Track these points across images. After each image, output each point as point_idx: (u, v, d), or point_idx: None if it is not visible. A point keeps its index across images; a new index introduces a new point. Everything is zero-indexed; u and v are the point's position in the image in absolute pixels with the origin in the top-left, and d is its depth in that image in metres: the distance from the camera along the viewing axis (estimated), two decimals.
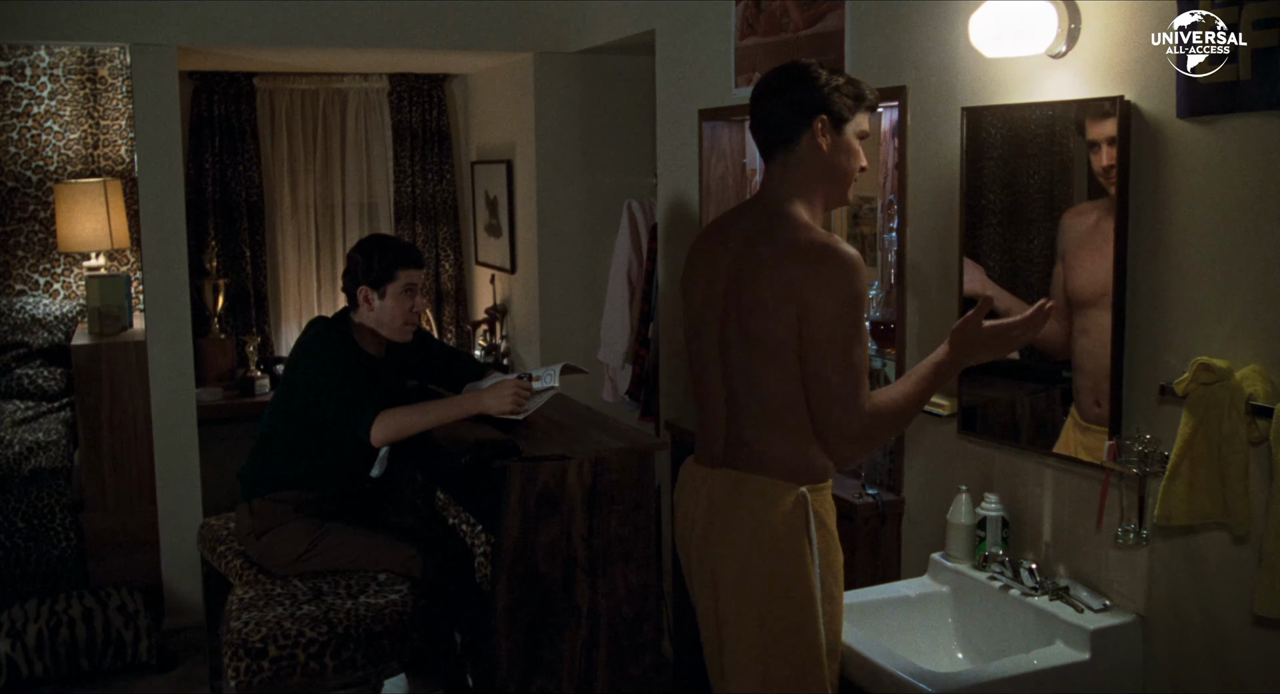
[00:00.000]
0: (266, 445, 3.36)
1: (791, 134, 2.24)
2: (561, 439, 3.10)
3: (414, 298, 3.30)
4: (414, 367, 3.54)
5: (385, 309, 3.28)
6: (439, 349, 3.61)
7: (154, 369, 4.71)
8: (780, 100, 2.25)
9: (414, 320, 3.33)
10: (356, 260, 3.30)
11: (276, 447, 3.33)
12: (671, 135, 4.26)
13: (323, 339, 3.24)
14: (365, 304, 3.31)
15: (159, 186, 4.62)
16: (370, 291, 3.28)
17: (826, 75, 2.24)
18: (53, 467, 4.77)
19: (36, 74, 5.60)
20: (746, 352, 2.20)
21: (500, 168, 5.62)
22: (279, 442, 3.33)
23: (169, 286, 4.68)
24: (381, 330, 3.32)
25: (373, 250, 3.28)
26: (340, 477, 3.33)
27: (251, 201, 5.83)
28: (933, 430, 2.98)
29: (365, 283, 3.28)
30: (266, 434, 3.37)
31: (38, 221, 5.65)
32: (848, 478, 3.18)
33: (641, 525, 3.02)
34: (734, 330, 2.22)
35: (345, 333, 3.29)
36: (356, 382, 3.13)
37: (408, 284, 3.28)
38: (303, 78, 5.88)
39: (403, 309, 3.29)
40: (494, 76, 5.77)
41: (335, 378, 3.14)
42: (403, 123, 6.04)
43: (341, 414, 3.12)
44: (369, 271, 3.27)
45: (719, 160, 4.02)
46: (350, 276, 3.31)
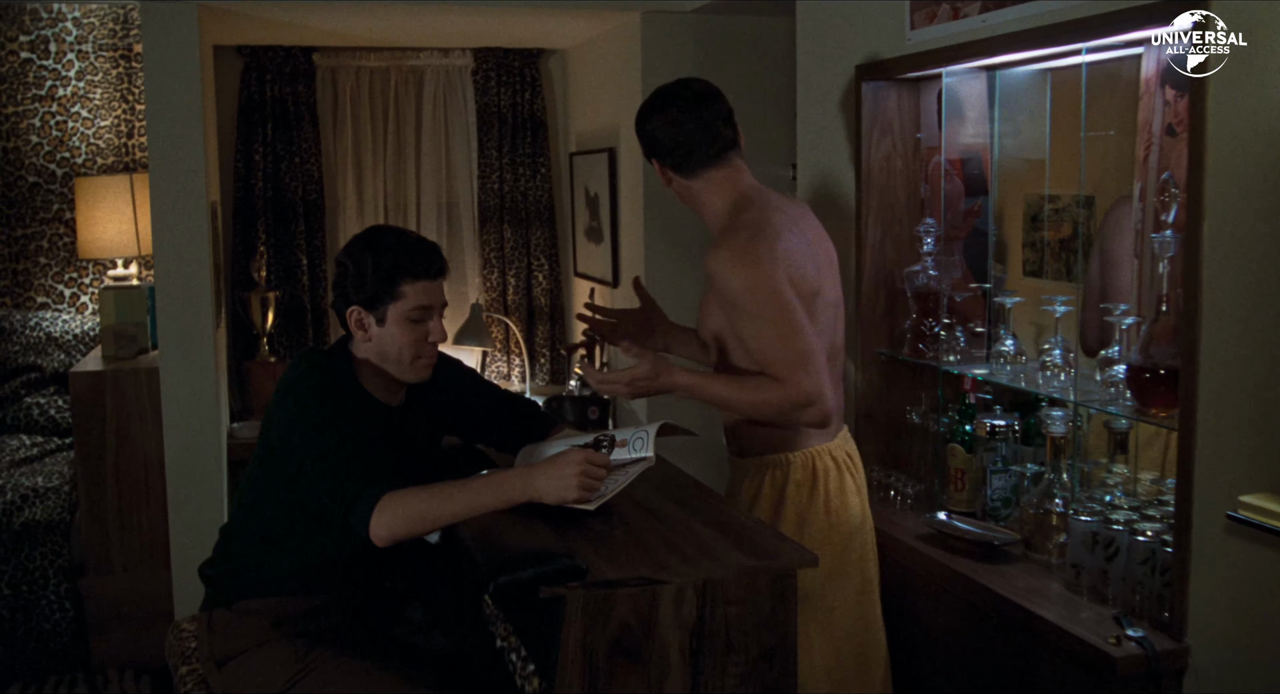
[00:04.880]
0: (237, 532, 2.37)
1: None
2: (652, 543, 2.03)
3: (428, 323, 2.29)
4: (451, 417, 2.52)
5: (386, 339, 2.29)
6: (488, 392, 2.58)
7: (168, 402, 3.86)
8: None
9: (429, 354, 2.32)
10: (344, 268, 2.30)
11: (250, 534, 2.35)
12: (816, 107, 3.24)
13: (310, 382, 2.24)
14: (359, 331, 2.31)
15: (173, 178, 3.81)
16: (364, 314, 2.28)
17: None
18: (49, 520, 3.93)
19: (62, 50, 4.79)
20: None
21: (601, 158, 4.65)
22: (253, 527, 2.34)
23: (188, 300, 3.87)
24: (387, 367, 2.31)
25: (364, 253, 2.28)
26: (338, 578, 2.32)
27: (309, 200, 5.04)
28: (1242, 546, 1.85)
29: (356, 301, 2.28)
30: (237, 515, 2.38)
31: (62, 223, 4.84)
32: (1097, 605, 2.13)
33: (775, 686, 1.93)
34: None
35: (344, 371, 2.29)
36: (353, 446, 2.12)
37: (419, 304, 2.26)
38: (370, 53, 5.08)
39: (410, 339, 2.28)
40: (595, 48, 4.92)
41: (323, 439, 2.14)
42: (489, 107, 5.22)
43: (328, 495, 2.11)
44: (360, 285, 2.27)
45: (884, 135, 2.99)
46: (338, 291, 2.32)
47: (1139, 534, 2.15)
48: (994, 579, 2.40)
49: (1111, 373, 2.33)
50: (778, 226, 2.28)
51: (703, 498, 2.31)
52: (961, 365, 2.77)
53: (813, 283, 2.31)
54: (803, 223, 2.40)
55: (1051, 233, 2.72)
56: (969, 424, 2.75)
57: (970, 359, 2.80)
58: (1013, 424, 2.67)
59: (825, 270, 2.40)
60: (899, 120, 2.98)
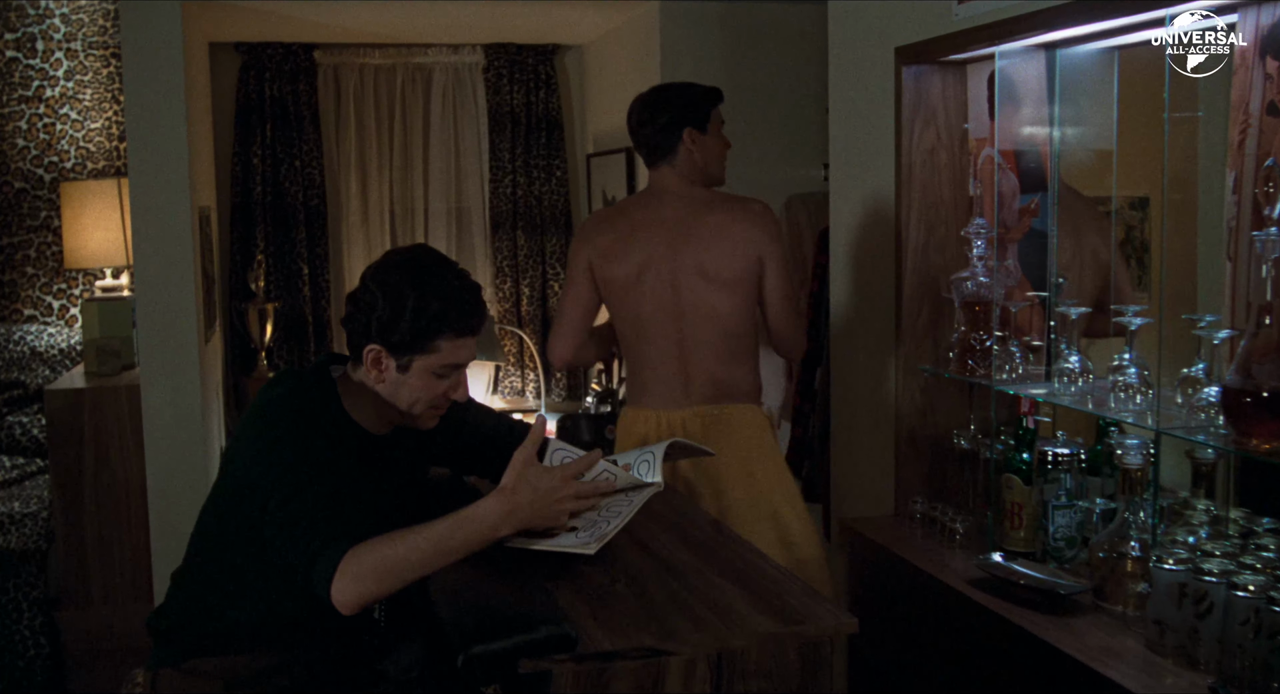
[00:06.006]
0: (189, 577, 2.08)
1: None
2: (659, 601, 1.71)
3: (454, 379, 2.00)
4: (439, 446, 2.22)
5: (402, 387, 2.00)
6: (479, 417, 2.28)
7: (149, 422, 3.64)
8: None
9: (443, 407, 2.03)
10: (374, 299, 1.99)
11: (203, 581, 2.05)
12: (850, 97, 2.99)
13: (283, 409, 1.95)
14: (373, 369, 2.00)
15: (155, 183, 3.63)
16: (385, 356, 1.98)
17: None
18: (25, 548, 3.69)
19: (50, 48, 4.55)
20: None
21: (619, 159, 4.38)
22: (207, 572, 2.05)
23: (171, 312, 3.67)
24: (396, 403, 2.01)
25: (406, 292, 1.96)
26: (303, 635, 2.02)
27: (311, 205, 4.91)
28: None
29: (381, 342, 1.97)
30: (190, 558, 2.09)
31: (50, 231, 4.60)
32: (1187, 671, 1.83)
33: None
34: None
35: (326, 396, 2.00)
36: (323, 490, 1.83)
37: (452, 363, 1.98)
38: (375, 50, 4.97)
39: (430, 394, 1.99)
40: (613, 42, 4.74)
41: (289, 479, 1.85)
42: (502, 106, 5.07)
43: (288, 547, 1.82)
44: (392, 327, 1.96)
45: (927, 126, 2.73)
46: (359, 321, 2.01)
47: (1239, 588, 1.82)
48: (1060, 635, 2.08)
49: (1199, 396, 2.00)
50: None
51: (721, 541, 2.00)
52: (1017, 384, 2.46)
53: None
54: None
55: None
56: (1026, 451, 2.42)
57: (1027, 377, 2.49)
58: (1078, 452, 2.34)
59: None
60: (944, 109, 2.69)
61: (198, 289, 3.71)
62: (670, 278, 2.80)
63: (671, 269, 2.80)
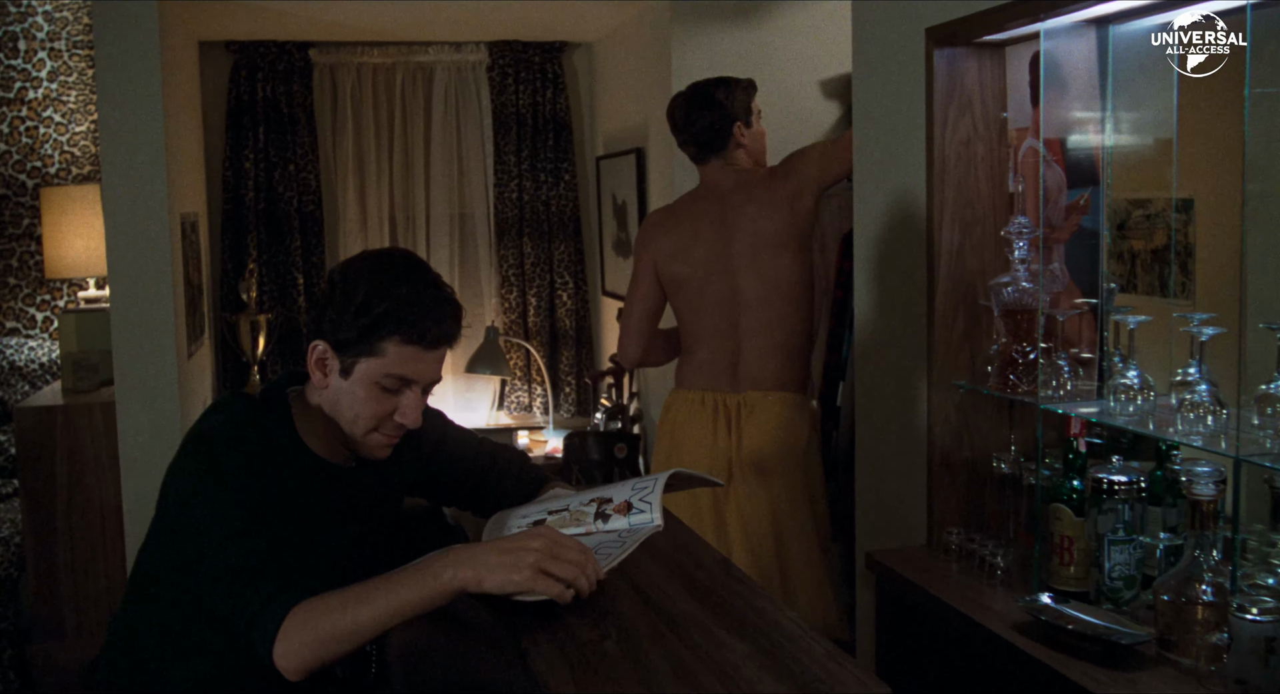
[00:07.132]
0: (127, 626, 1.84)
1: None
2: (655, 665, 1.46)
3: (400, 397, 1.75)
4: (413, 475, 1.98)
5: (343, 396, 1.77)
6: (462, 443, 2.04)
7: (125, 441, 3.45)
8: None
9: (389, 434, 1.80)
10: (331, 292, 1.78)
11: (142, 630, 1.82)
12: (875, 85, 2.76)
13: (225, 437, 1.72)
14: (317, 371, 1.77)
15: (130, 188, 3.44)
16: (329, 354, 1.75)
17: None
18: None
19: (33, 48, 4.38)
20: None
21: (629, 161, 4.17)
22: (146, 620, 1.81)
23: (147, 324, 3.48)
24: (338, 418, 1.77)
25: (359, 282, 1.74)
26: (254, 690, 1.77)
27: (306, 211, 4.77)
28: None
29: (329, 338, 1.75)
30: (128, 604, 1.85)
31: (33, 239, 4.43)
32: None
33: None
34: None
35: (277, 424, 1.77)
36: (265, 535, 1.60)
37: (397, 374, 1.74)
38: (373, 48, 4.84)
39: (372, 410, 1.76)
40: (623, 39, 4.55)
41: (229, 519, 1.61)
42: (507, 107, 4.94)
43: (227, 598, 1.58)
44: (338, 322, 1.73)
45: (962, 114, 2.51)
46: (312, 317, 1.82)
47: None
48: (1122, 692, 1.81)
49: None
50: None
51: (730, 586, 1.74)
52: (1066, 402, 2.20)
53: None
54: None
55: (1140, 242, 2.25)
56: (1077, 478, 2.16)
57: (1076, 394, 2.23)
58: (1137, 480, 2.08)
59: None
60: (980, 96, 2.46)
61: (178, 300, 3.50)
62: (729, 272, 3.02)
63: (731, 265, 3.02)
